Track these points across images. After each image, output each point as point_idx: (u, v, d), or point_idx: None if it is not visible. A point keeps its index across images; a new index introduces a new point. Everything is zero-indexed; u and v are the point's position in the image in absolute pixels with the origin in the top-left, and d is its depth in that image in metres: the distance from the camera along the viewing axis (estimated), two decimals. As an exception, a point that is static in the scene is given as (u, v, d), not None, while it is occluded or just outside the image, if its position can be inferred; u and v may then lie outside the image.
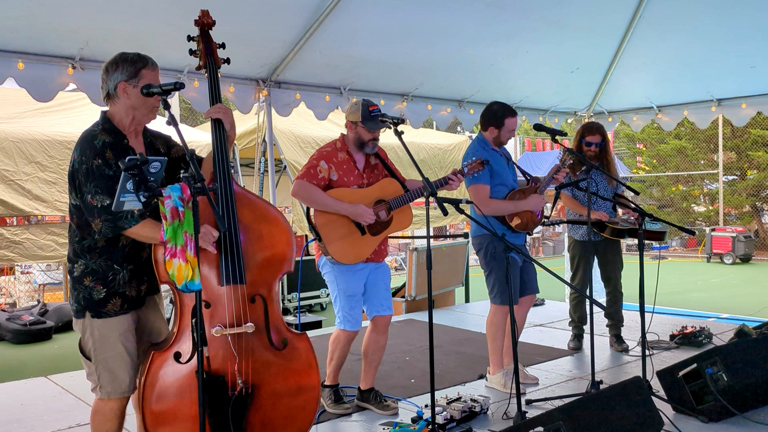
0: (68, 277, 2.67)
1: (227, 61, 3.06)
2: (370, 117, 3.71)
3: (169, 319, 3.12)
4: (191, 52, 3.01)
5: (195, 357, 2.54)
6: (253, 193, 2.96)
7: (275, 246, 2.80)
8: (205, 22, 2.97)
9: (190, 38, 2.99)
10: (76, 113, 6.42)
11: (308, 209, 3.73)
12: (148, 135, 2.77)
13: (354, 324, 3.82)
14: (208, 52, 2.96)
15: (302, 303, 8.77)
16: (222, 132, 2.78)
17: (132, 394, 2.66)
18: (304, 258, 9.05)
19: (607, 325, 5.44)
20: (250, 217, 2.78)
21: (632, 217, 5.01)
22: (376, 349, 3.96)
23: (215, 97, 2.90)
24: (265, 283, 2.77)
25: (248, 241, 2.75)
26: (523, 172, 4.46)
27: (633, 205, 4.69)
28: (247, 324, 2.66)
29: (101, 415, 2.65)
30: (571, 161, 4.28)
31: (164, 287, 2.81)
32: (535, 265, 3.50)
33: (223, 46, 3.01)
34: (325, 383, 4.00)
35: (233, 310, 2.66)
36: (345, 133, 3.87)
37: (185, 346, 2.61)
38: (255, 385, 2.66)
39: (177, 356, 2.59)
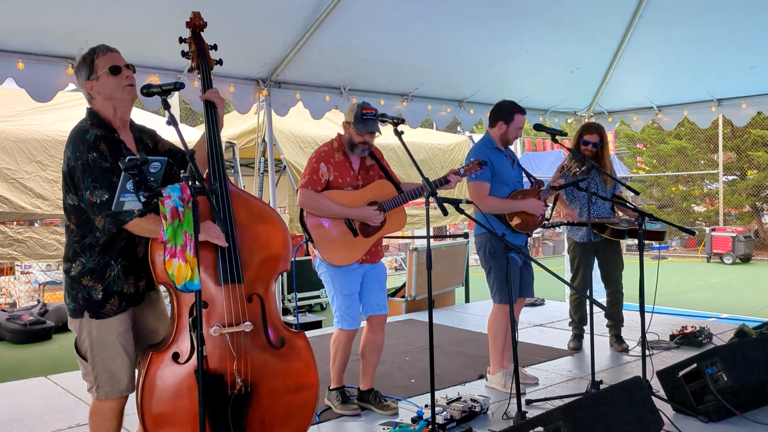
0: (64, 277, 2.62)
1: (219, 62, 3.03)
2: (362, 119, 3.71)
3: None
4: (183, 54, 3.01)
5: (194, 357, 2.53)
6: (248, 192, 2.97)
7: (271, 245, 2.80)
8: (196, 24, 2.97)
9: (182, 40, 2.98)
10: (76, 110, 6.42)
11: (301, 211, 3.73)
12: (135, 129, 2.75)
13: (352, 322, 3.83)
14: (200, 54, 2.95)
15: (302, 303, 8.76)
16: (215, 115, 2.78)
17: (130, 393, 2.64)
18: (304, 258, 9.06)
19: (607, 326, 5.45)
20: (245, 217, 2.77)
21: (632, 218, 5.01)
22: (373, 348, 3.97)
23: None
24: (262, 282, 2.76)
25: (245, 240, 2.75)
26: (528, 174, 4.46)
27: (630, 206, 4.70)
28: (245, 323, 2.66)
29: (100, 416, 2.62)
30: (577, 169, 4.27)
31: (162, 287, 2.81)
32: (536, 265, 3.50)
33: (214, 47, 2.99)
34: (330, 387, 4.01)
35: (231, 309, 2.66)
36: (342, 132, 3.89)
37: (183, 346, 2.60)
38: (254, 383, 2.67)
39: (175, 356, 2.58)
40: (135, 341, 2.67)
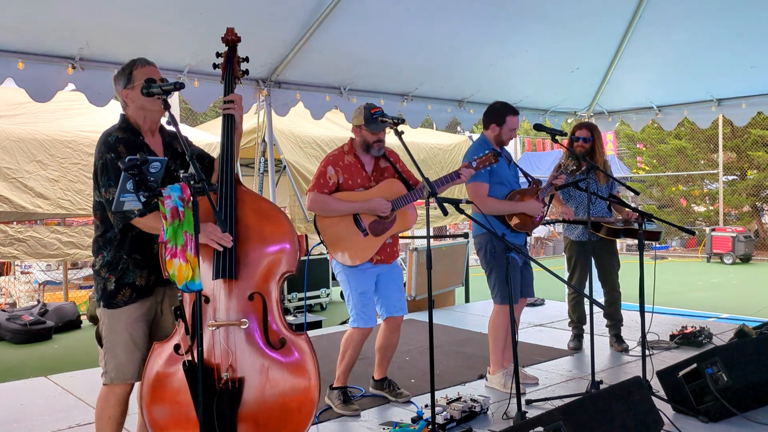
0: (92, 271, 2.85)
1: (246, 72, 3.17)
2: (372, 119, 3.80)
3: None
4: (215, 66, 3.13)
5: (191, 350, 2.61)
6: (258, 193, 2.99)
7: (277, 246, 2.82)
8: (229, 39, 3.12)
9: (218, 54, 3.13)
10: (76, 107, 6.41)
11: (315, 216, 3.80)
12: (166, 135, 2.89)
13: (367, 321, 3.89)
14: (227, 64, 3.09)
15: (302, 303, 8.76)
16: (231, 123, 2.90)
17: (135, 381, 2.75)
18: (303, 258, 9.06)
19: (606, 326, 5.45)
20: (252, 216, 2.81)
21: (632, 218, 5.01)
22: (389, 345, 4.11)
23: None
24: (265, 282, 2.78)
25: (249, 239, 2.77)
26: (525, 174, 4.46)
27: (628, 205, 4.70)
28: (241, 320, 2.70)
29: (105, 401, 2.77)
30: (574, 167, 4.29)
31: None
32: (536, 265, 3.50)
33: (246, 59, 3.13)
34: (333, 385, 4.03)
35: (225, 305, 2.71)
36: (353, 137, 3.95)
37: (185, 338, 2.68)
38: (245, 381, 2.69)
39: (176, 348, 2.67)
40: (152, 335, 2.79)
